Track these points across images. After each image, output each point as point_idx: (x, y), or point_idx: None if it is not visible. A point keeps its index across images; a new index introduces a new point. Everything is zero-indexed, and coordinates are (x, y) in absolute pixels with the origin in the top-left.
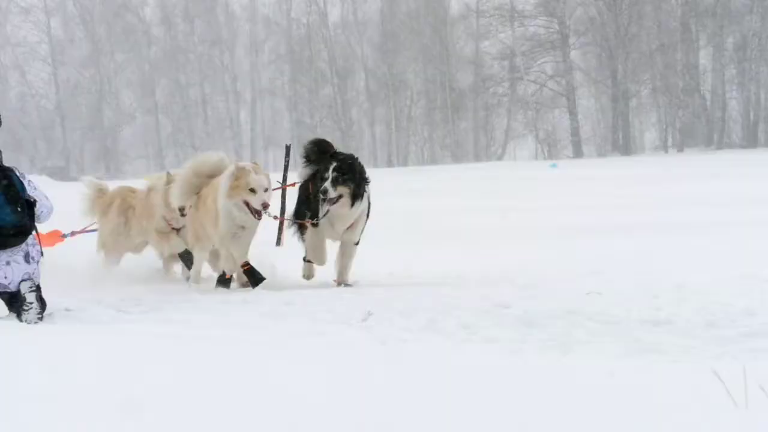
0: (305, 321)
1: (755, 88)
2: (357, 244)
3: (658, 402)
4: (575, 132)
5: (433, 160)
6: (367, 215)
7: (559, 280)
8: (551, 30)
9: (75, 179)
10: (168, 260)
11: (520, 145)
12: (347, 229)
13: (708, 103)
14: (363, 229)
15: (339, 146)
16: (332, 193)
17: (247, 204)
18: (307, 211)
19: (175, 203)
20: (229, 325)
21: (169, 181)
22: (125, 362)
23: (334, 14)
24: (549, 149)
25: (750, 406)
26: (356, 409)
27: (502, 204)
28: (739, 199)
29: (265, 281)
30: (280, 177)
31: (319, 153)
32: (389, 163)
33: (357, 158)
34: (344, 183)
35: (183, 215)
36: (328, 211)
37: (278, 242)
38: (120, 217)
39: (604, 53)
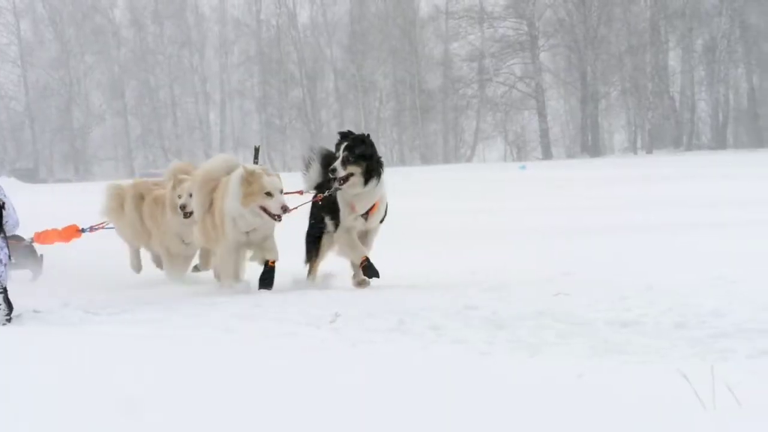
0: (275, 322)
1: (724, 89)
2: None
3: (626, 403)
4: (544, 133)
5: (403, 162)
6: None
7: (528, 282)
8: (520, 31)
9: (44, 181)
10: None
11: (489, 146)
12: (368, 214)
13: (677, 104)
14: (383, 218)
15: (308, 148)
16: (341, 172)
17: (263, 209)
18: (329, 221)
19: (198, 216)
20: (199, 327)
21: (174, 185)
22: (93, 362)
23: (304, 16)
24: (518, 151)
25: (717, 407)
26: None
27: (472, 205)
28: (708, 200)
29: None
30: None
31: (325, 155)
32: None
33: (369, 136)
34: (355, 162)
35: (187, 216)
36: (336, 188)
37: None
38: (134, 210)
39: (573, 55)
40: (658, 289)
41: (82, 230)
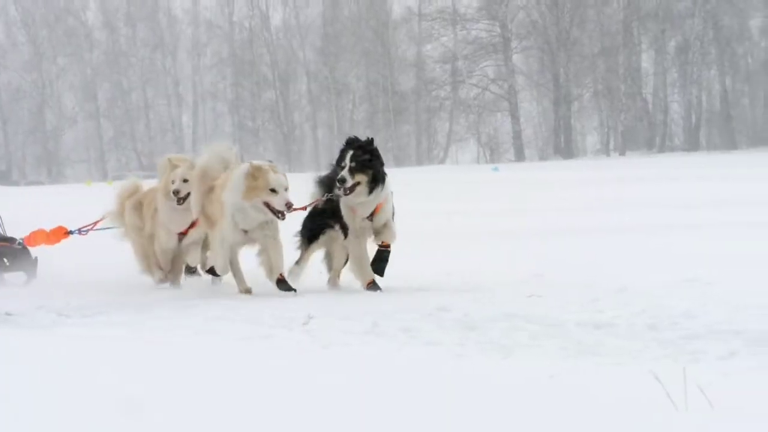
0: (249, 325)
1: (697, 91)
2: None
3: (599, 404)
4: (517, 135)
5: None
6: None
7: (500, 283)
8: (493, 33)
9: (16, 183)
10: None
11: (462, 148)
12: (372, 215)
13: (650, 106)
14: (392, 214)
15: (281, 150)
16: (350, 182)
17: (267, 205)
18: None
19: (196, 213)
20: (174, 329)
21: (171, 168)
22: (64, 365)
23: (276, 18)
24: (491, 153)
25: (689, 408)
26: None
27: (446, 207)
28: (682, 201)
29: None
30: None
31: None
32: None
33: (372, 141)
34: (362, 171)
35: (180, 202)
36: (331, 195)
37: None
38: (135, 217)
39: (546, 57)
40: (631, 290)
41: (71, 232)
